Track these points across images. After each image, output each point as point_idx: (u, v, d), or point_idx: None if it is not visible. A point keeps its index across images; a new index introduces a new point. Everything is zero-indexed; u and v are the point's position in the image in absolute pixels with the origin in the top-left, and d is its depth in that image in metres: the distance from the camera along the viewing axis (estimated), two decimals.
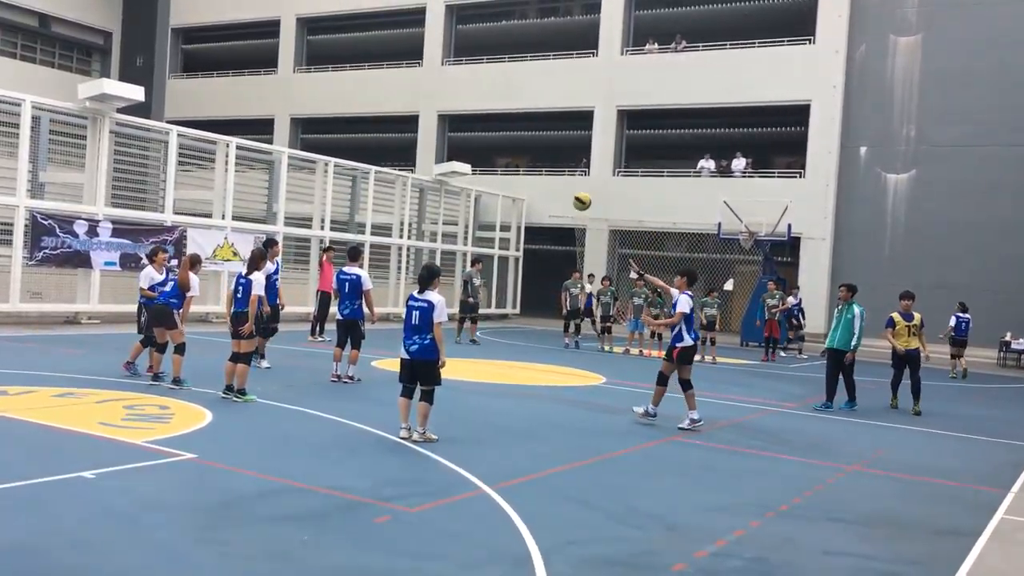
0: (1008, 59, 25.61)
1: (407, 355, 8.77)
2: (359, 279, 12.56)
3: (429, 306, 8.73)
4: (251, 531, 5.81)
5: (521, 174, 33.51)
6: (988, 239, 25.39)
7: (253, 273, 10.52)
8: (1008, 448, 11.06)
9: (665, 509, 7.04)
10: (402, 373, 8.90)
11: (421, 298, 8.80)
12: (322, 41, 37.92)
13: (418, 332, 8.72)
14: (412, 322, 8.75)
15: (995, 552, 6.50)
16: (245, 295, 10.48)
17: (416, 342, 8.73)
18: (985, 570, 6.06)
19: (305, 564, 5.28)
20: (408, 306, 8.83)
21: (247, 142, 23.26)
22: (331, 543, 5.66)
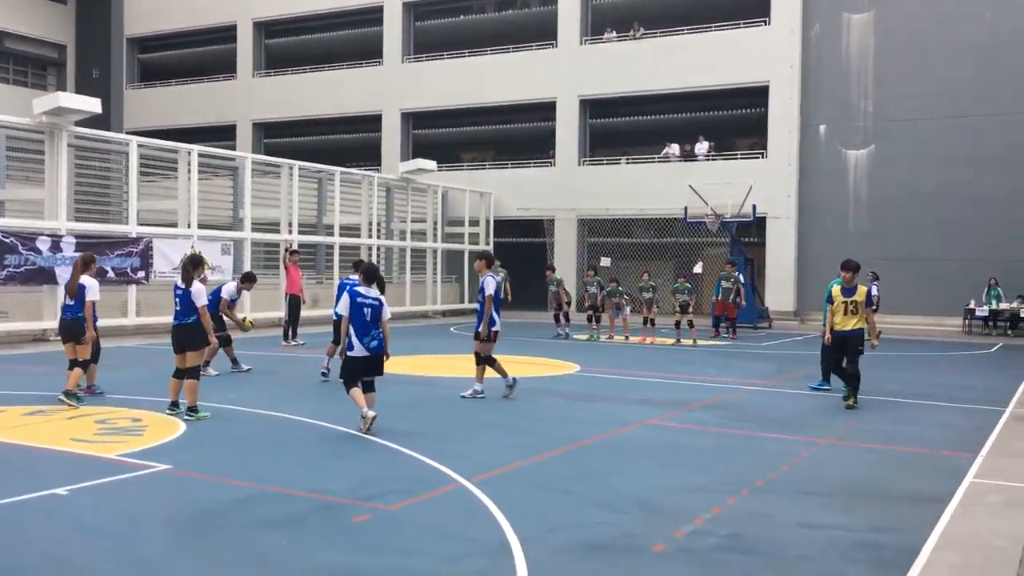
0: (959, 31, 25.97)
1: (367, 351, 9.10)
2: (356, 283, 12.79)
3: (380, 304, 9.21)
4: (230, 538, 5.81)
5: (487, 168, 33.53)
6: (949, 209, 25.77)
7: (193, 284, 9.87)
8: (974, 413, 11.26)
9: (643, 492, 7.12)
10: (357, 369, 9.16)
11: (372, 296, 9.19)
12: (280, 44, 37.68)
13: (372, 329, 9.14)
14: (366, 319, 9.11)
15: (966, 515, 6.64)
16: (184, 307, 9.84)
17: (376, 337, 9.14)
18: (956, 533, 6.18)
19: (286, 568, 5.29)
20: (357, 303, 9.12)
21: (209, 149, 23.11)
22: (311, 545, 5.67)
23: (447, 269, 30.57)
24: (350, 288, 9.48)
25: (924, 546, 5.84)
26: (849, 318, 11.35)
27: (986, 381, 14.65)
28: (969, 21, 25.89)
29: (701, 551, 5.72)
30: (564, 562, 5.47)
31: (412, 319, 27.24)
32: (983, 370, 16.55)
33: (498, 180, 32.17)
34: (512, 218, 31.77)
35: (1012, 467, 8.25)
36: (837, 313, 11.42)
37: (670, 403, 11.64)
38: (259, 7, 36.89)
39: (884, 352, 18.95)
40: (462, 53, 33.24)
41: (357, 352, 9.13)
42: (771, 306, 26.85)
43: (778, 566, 5.49)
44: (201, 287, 9.98)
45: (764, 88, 28.35)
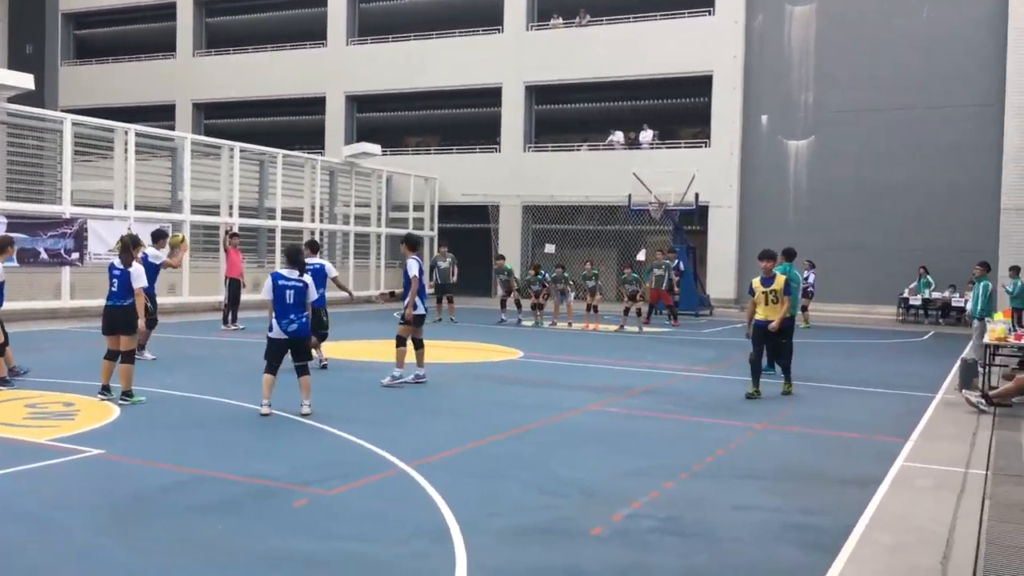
0: (895, 23, 26.48)
1: (285, 334, 9.08)
2: (323, 268, 12.63)
3: (304, 286, 9.16)
4: (166, 524, 5.72)
5: (432, 153, 33.35)
6: (885, 200, 26.32)
7: (132, 265, 9.66)
8: (906, 398, 11.56)
9: (583, 476, 7.17)
10: (271, 352, 9.16)
11: (294, 278, 9.15)
12: (221, 23, 36.94)
13: (294, 311, 9.09)
14: (287, 301, 9.07)
15: (897, 497, 6.81)
16: (122, 288, 9.61)
17: (295, 321, 9.09)
18: (887, 515, 6.34)
19: (223, 553, 5.23)
20: (279, 286, 9.09)
21: (147, 129, 22.61)
22: (248, 530, 5.61)
23: (391, 254, 30.36)
24: (273, 272, 9.44)
25: (855, 527, 5.98)
26: (771, 308, 11.30)
27: (918, 368, 15.03)
28: (907, 16, 26.41)
29: (637, 534, 5.78)
30: (503, 546, 5.49)
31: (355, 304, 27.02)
32: (915, 357, 16.97)
33: (443, 165, 32.03)
34: (457, 203, 31.66)
35: (941, 451, 8.48)
36: (759, 304, 11.37)
37: (611, 389, 11.73)
38: None
39: (821, 339, 19.36)
40: (408, 36, 32.95)
41: (275, 334, 9.13)
42: (712, 294, 27.19)
43: (712, 548, 5.58)
44: (141, 268, 9.80)
45: (708, 78, 28.61)
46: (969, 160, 25.55)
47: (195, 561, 5.10)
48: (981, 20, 25.62)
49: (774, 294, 11.27)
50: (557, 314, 21.39)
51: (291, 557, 5.18)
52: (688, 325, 22.31)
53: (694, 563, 5.30)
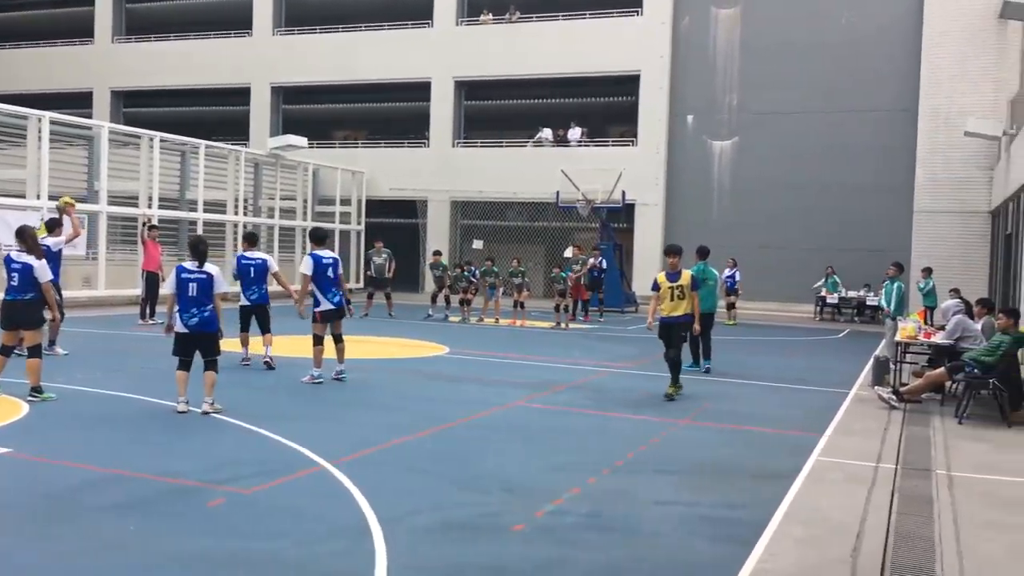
0: (815, 28, 27.14)
1: (186, 328, 8.83)
2: (265, 264, 12.35)
3: (208, 278, 8.90)
4: (77, 524, 5.55)
5: (360, 147, 33.02)
6: (805, 200, 26.95)
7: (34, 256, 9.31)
8: (821, 395, 11.86)
9: (506, 472, 7.18)
10: (179, 347, 8.92)
11: (198, 270, 8.89)
12: (142, 9, 35.96)
13: (197, 304, 8.82)
14: (189, 294, 8.81)
15: (810, 491, 6.97)
16: (23, 282, 9.22)
17: (195, 314, 8.82)
18: (800, 508, 6.49)
19: (136, 554, 5.09)
20: (183, 279, 8.84)
21: (62, 116, 21.86)
22: (162, 530, 5.47)
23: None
24: (178, 264, 9.20)
25: (771, 521, 6.10)
26: (677, 304, 11.07)
27: (833, 365, 15.43)
28: (828, 21, 27.09)
29: (560, 529, 5.81)
30: (423, 543, 5.46)
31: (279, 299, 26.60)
32: (831, 355, 17.43)
33: (371, 159, 31.74)
34: (385, 198, 31.42)
35: (853, 446, 8.72)
36: (664, 299, 11.14)
37: (535, 385, 11.78)
38: None
39: (740, 336, 19.74)
40: (336, 28, 32.56)
41: (179, 328, 8.90)
42: (638, 291, 27.48)
43: (632, 542, 5.64)
44: (44, 262, 9.46)
45: (636, 77, 28.93)
46: (885, 162, 26.36)
47: (106, 563, 4.96)
48: (897, 26, 26.43)
49: (680, 290, 11.06)
50: (486, 310, 21.40)
51: (206, 558, 5.07)
52: (613, 321, 22.53)
53: (614, 557, 5.35)
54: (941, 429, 9.71)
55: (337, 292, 11.23)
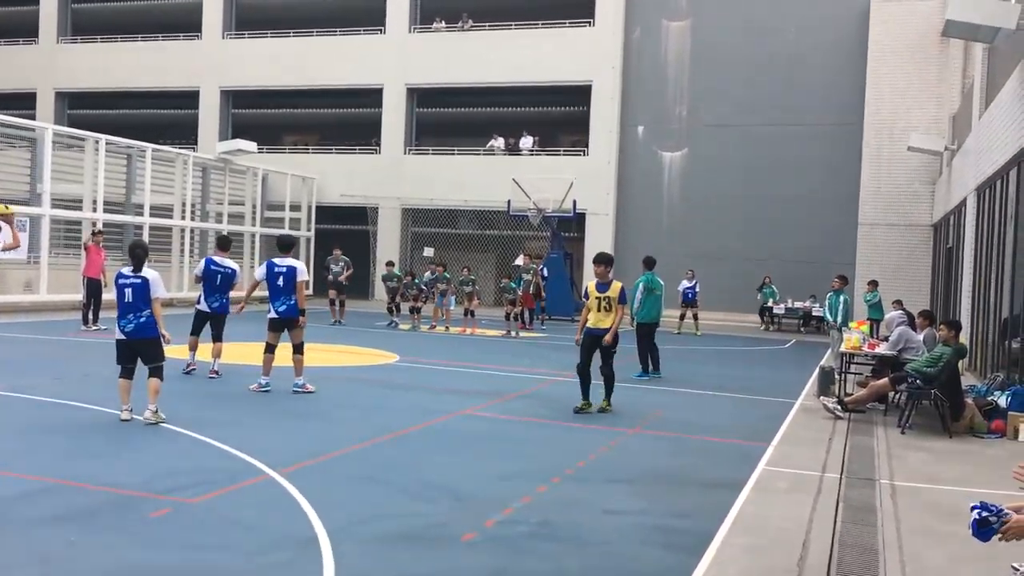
0: (764, 42, 27.60)
1: (123, 335, 8.63)
2: (234, 273, 12.14)
3: (144, 282, 8.64)
4: (11, 536, 5.39)
5: (311, 152, 32.76)
6: (753, 211, 27.36)
7: None
8: (768, 404, 12.00)
9: (456, 481, 7.14)
10: (119, 354, 8.70)
11: (133, 275, 8.66)
12: (88, 9, 35.32)
13: (132, 311, 8.59)
14: (125, 300, 8.59)
15: (757, 500, 7.04)
16: None
17: (131, 320, 8.60)
18: (748, 517, 6.55)
19: (75, 567, 4.96)
20: (119, 285, 8.64)
21: (4, 117, 21.35)
22: (103, 542, 5.34)
23: (266, 254, 29.60)
24: (117, 272, 8.91)
25: (718, 530, 6.15)
26: (603, 316, 10.56)
27: (779, 374, 15.65)
28: (775, 35, 27.56)
29: (510, 539, 5.79)
30: (372, 553, 5.40)
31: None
32: (777, 364, 17.66)
33: (322, 165, 31.50)
34: (336, 204, 31.19)
35: (799, 455, 8.83)
36: (592, 310, 10.62)
37: (485, 393, 11.75)
38: None
39: (688, 345, 19.92)
40: (287, 33, 32.29)
41: (116, 335, 8.72)
42: None
43: (582, 551, 5.64)
44: None
45: (587, 87, 29.12)
46: (830, 175, 26.86)
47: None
48: (843, 42, 26.98)
49: (607, 301, 10.54)
50: (437, 317, 21.31)
51: (148, 570, 4.96)
52: (562, 330, 22.58)
53: (565, 567, 5.34)
54: (885, 439, 9.88)
55: (285, 301, 11.01)
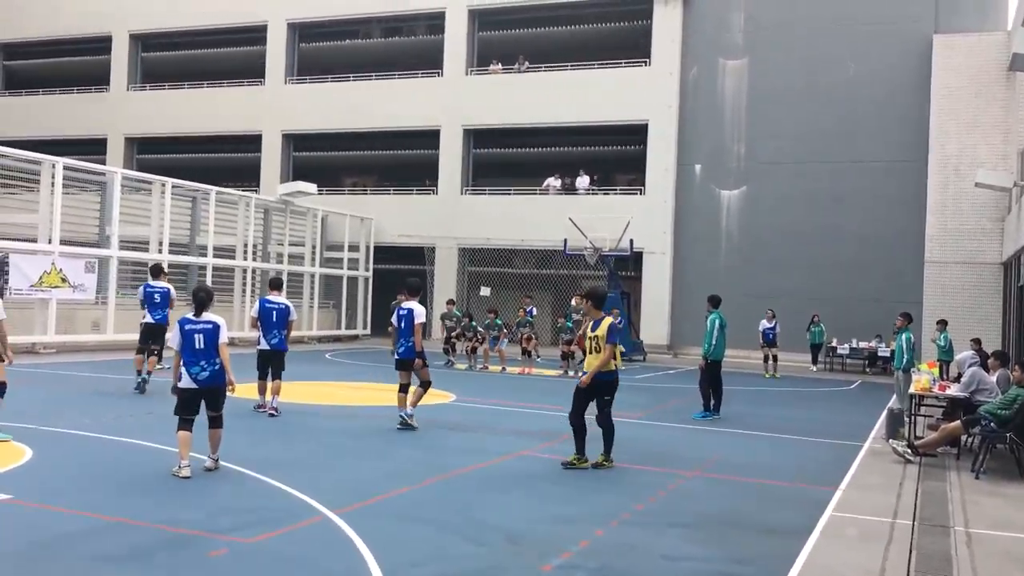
0: (822, 80, 27.33)
1: (195, 383, 8.18)
2: (287, 309, 12.31)
3: (215, 328, 8.31)
4: (73, 573, 5.42)
5: (369, 193, 33.20)
6: (814, 249, 26.92)
7: None
8: (834, 447, 11.66)
9: (512, 523, 7.03)
10: (184, 404, 8.22)
11: (202, 320, 8.31)
12: (157, 58, 36.51)
13: (204, 358, 8.22)
14: (196, 346, 8.20)
15: (825, 548, 6.79)
16: None
17: (206, 368, 8.21)
18: (816, 566, 6.31)
19: None
20: (186, 331, 8.23)
21: (75, 162, 22.04)
22: None
23: (324, 294, 30.01)
24: (180, 317, 8.62)
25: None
26: (593, 357, 9.47)
27: (845, 416, 15.23)
28: (834, 72, 27.27)
29: None
30: None
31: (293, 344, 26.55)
32: (843, 406, 17.21)
33: (380, 206, 31.89)
34: (393, 244, 31.50)
35: (869, 500, 8.53)
36: (589, 352, 9.63)
37: (542, 434, 11.62)
38: (136, 20, 35.69)
39: (750, 386, 19.55)
40: (347, 77, 32.93)
41: (185, 383, 8.23)
42: (646, 339, 27.36)
43: None
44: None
45: (643, 126, 29.09)
46: (893, 212, 26.34)
47: None
48: (904, 78, 26.58)
49: (596, 340, 9.46)
50: (488, 358, 21.23)
51: None
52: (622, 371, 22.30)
53: None
54: (958, 484, 9.52)
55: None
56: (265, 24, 33.88)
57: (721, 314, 14.15)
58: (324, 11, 33.32)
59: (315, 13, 33.51)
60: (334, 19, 33.53)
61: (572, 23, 30.85)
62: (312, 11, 33.53)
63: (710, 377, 13.94)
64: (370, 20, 34.00)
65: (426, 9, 32.26)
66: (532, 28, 31.37)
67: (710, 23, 28.75)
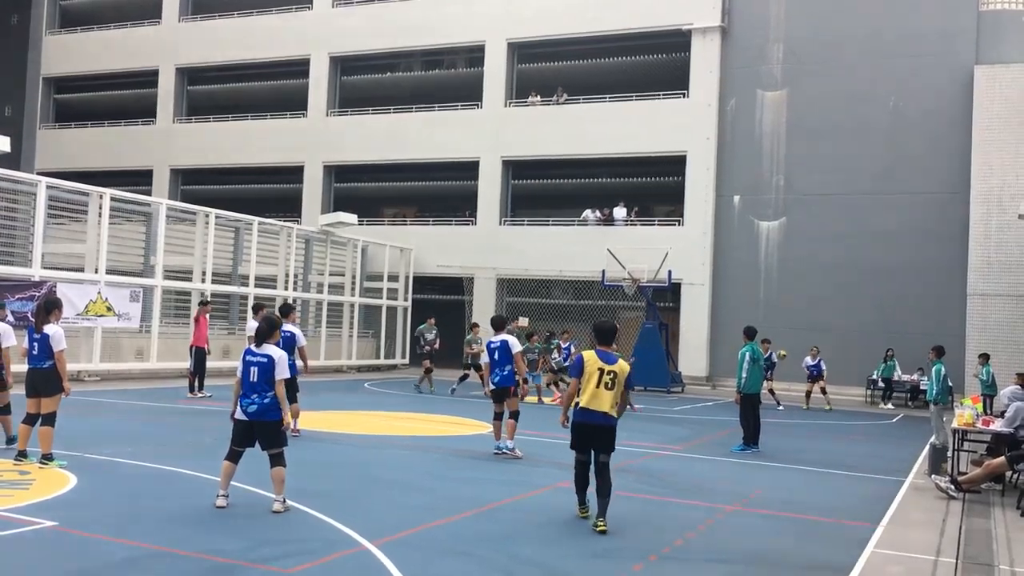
0: (862, 111, 27.17)
1: (245, 416, 8.13)
2: (293, 337, 12.45)
3: (269, 361, 8.13)
4: None
5: (408, 224, 33.51)
6: (854, 281, 26.64)
7: (52, 327, 9.67)
8: (875, 482, 11.51)
9: (549, 557, 7.03)
10: (236, 437, 8.21)
11: (259, 352, 8.20)
12: (203, 91, 37.27)
13: (256, 391, 8.09)
14: (250, 379, 8.11)
15: None
16: (42, 351, 9.61)
17: (255, 401, 8.08)
18: None
19: None
20: (245, 362, 8.19)
21: (122, 193, 22.56)
22: None
23: (364, 324, 30.25)
24: (245, 348, 8.62)
25: None
26: (603, 395, 8.10)
27: (887, 450, 15.02)
28: (874, 104, 27.11)
29: None
30: None
31: (327, 374, 26.81)
32: (884, 440, 16.96)
33: (419, 236, 32.16)
34: (432, 275, 31.71)
35: (911, 537, 8.41)
36: (588, 385, 8.14)
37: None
38: (183, 54, 36.50)
39: (790, 419, 19.34)
40: (387, 109, 33.38)
41: (238, 415, 8.22)
42: (684, 371, 27.21)
43: None
44: (60, 331, 9.79)
45: (682, 158, 29.10)
46: (935, 245, 26.01)
47: None
48: (945, 109, 26.34)
49: (612, 377, 8.13)
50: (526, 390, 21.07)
51: None
52: (659, 402, 22.25)
53: None
54: (1003, 521, 9.34)
55: (500, 372, 12.15)
56: (308, 58, 34.50)
57: (756, 346, 14.09)
58: (366, 45, 33.86)
59: (357, 47, 34.07)
60: (376, 52, 34.06)
61: (610, 55, 31.04)
62: (354, 45, 34.09)
63: (747, 410, 13.86)
64: (411, 53, 34.49)
65: (466, 42, 32.65)
66: (570, 61, 31.59)
67: (749, 55, 28.78)
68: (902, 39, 26.92)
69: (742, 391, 13.81)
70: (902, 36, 26.94)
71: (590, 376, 8.12)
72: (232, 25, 35.92)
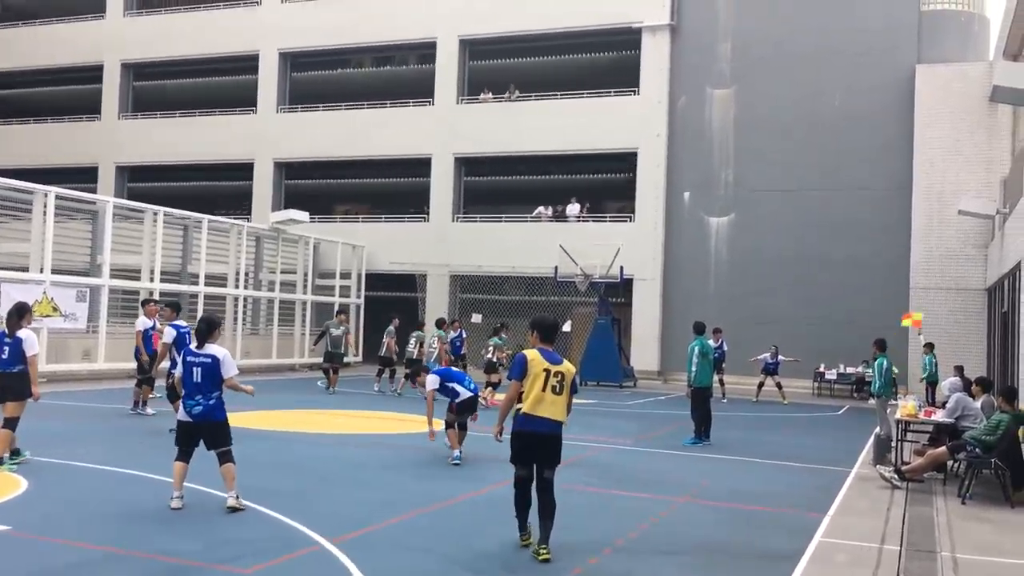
0: (809, 108, 27.67)
1: (189, 418, 8.06)
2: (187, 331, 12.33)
3: (213, 361, 8.08)
4: None
5: (360, 221, 33.35)
6: (802, 275, 27.14)
7: (21, 331, 9.54)
8: (822, 473, 11.79)
9: (507, 552, 7.12)
10: (181, 436, 8.16)
11: (202, 352, 8.14)
12: (148, 87, 36.69)
13: (201, 391, 8.04)
14: (193, 380, 8.03)
15: (814, 574, 6.91)
16: (12, 355, 9.49)
17: (200, 403, 8.03)
18: None
19: None
20: (187, 363, 8.13)
21: (67, 191, 22.14)
22: None
23: (316, 321, 30.05)
24: (184, 348, 8.66)
25: None
26: (549, 399, 7.20)
27: (833, 442, 15.36)
28: (821, 101, 27.63)
29: None
30: None
31: (278, 372, 26.62)
32: (830, 431, 17.34)
33: (371, 233, 32.02)
34: (385, 272, 31.62)
35: (857, 526, 8.66)
36: (532, 388, 7.18)
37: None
38: (128, 49, 35.88)
39: (739, 412, 19.67)
40: (339, 106, 33.17)
41: (181, 416, 8.16)
42: (636, 366, 27.50)
43: None
44: (33, 335, 9.71)
45: (633, 154, 29.39)
46: (880, 238, 26.61)
47: None
48: (890, 107, 26.93)
49: (560, 379, 7.23)
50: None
51: None
52: (611, 396, 22.47)
53: None
54: (944, 509, 9.65)
55: None
56: (257, 53, 34.14)
57: (704, 341, 14.33)
58: (316, 41, 33.61)
59: (307, 43, 33.80)
60: (326, 48, 33.82)
61: (562, 53, 31.20)
62: (304, 41, 33.82)
63: (698, 404, 14.08)
64: (362, 50, 34.29)
65: (418, 39, 32.56)
66: (522, 58, 31.70)
67: (698, 53, 29.13)
68: (847, 38, 27.45)
69: (693, 384, 14.05)
70: (847, 35, 27.48)
71: (535, 378, 7.17)
72: (179, 20, 35.42)
